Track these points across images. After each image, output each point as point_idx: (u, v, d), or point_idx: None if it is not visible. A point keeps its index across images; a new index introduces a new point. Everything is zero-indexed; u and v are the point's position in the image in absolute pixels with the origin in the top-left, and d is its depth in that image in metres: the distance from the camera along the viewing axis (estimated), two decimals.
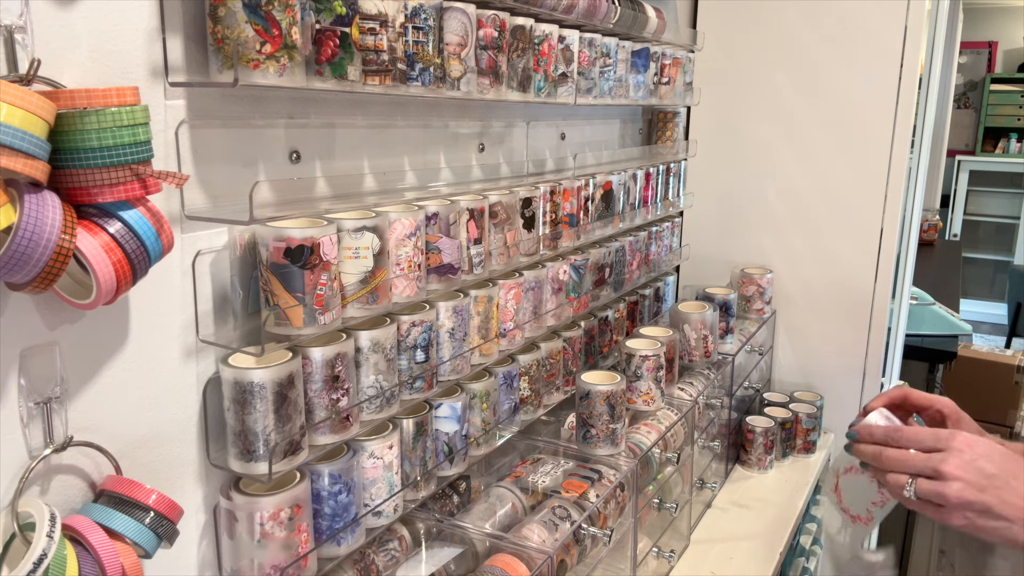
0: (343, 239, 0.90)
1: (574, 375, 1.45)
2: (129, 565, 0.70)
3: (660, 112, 1.90)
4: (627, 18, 1.45)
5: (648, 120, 1.93)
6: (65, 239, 0.62)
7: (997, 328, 6.17)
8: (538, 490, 1.22)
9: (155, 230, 0.70)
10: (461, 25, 1.04)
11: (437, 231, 1.05)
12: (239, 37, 0.77)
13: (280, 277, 0.84)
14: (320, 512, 0.94)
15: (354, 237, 0.91)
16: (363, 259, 0.92)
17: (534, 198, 1.27)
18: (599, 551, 1.21)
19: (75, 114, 0.63)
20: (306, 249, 0.84)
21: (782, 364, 2.03)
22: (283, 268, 0.83)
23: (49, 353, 0.71)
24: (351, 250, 0.91)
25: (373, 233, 0.92)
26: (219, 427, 0.89)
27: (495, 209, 1.18)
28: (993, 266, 6.76)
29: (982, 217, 6.73)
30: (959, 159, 6.53)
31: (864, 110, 1.81)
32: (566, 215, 1.38)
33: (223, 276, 0.88)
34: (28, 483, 0.71)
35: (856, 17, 1.78)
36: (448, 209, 1.06)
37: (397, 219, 0.97)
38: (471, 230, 1.12)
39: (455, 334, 1.11)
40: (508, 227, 1.21)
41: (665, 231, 1.86)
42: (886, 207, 1.82)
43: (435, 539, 1.12)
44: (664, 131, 1.92)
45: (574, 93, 1.34)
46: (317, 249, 0.84)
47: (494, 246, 1.19)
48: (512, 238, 1.22)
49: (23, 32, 0.65)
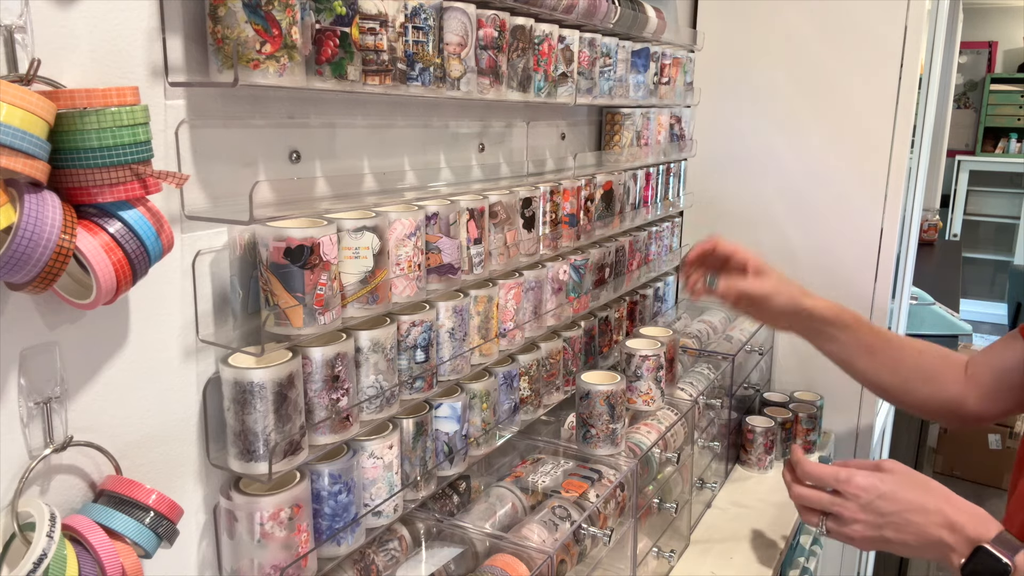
0: (343, 239, 0.90)
1: (574, 375, 1.45)
2: (129, 565, 0.70)
3: (609, 113, 1.65)
4: (627, 18, 1.45)
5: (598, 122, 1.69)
6: (65, 239, 0.62)
7: (997, 328, 6.17)
8: (538, 490, 1.22)
9: (155, 230, 0.70)
10: (461, 25, 1.04)
11: (437, 231, 1.05)
12: (239, 37, 0.77)
13: (280, 277, 0.84)
14: (320, 512, 0.94)
15: (354, 237, 0.91)
16: (363, 259, 0.92)
17: (534, 198, 1.27)
18: (599, 551, 1.21)
19: (75, 114, 0.63)
20: (306, 249, 0.83)
21: (782, 364, 2.03)
22: (283, 268, 0.83)
23: (49, 353, 0.71)
24: (351, 250, 0.91)
25: (373, 233, 0.92)
26: (219, 427, 0.89)
27: (495, 209, 1.18)
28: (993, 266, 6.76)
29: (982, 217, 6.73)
30: (959, 159, 6.53)
31: (864, 110, 1.80)
32: (566, 215, 1.38)
33: (223, 276, 0.88)
34: (28, 483, 0.71)
35: (856, 17, 1.78)
36: (448, 209, 1.06)
37: (397, 219, 0.97)
38: (471, 230, 1.12)
39: (455, 334, 1.11)
40: (508, 227, 1.21)
41: (665, 231, 1.86)
42: (886, 207, 1.82)
43: (435, 539, 1.12)
44: (612, 135, 1.66)
45: (574, 93, 1.34)
46: (317, 249, 0.84)
47: (494, 246, 1.18)
48: (512, 238, 1.22)
49: (23, 32, 0.65)
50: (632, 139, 1.65)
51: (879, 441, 2.35)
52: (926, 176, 2.68)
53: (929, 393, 1.25)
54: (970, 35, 6.40)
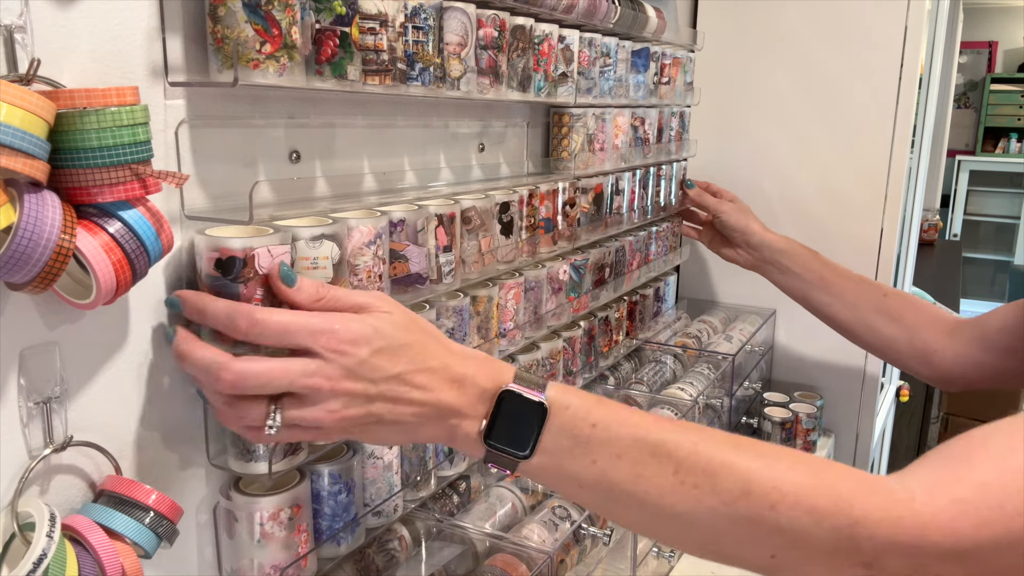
0: (300, 249, 0.83)
1: (574, 375, 1.45)
2: (129, 565, 0.70)
3: (556, 114, 1.41)
4: (627, 18, 1.45)
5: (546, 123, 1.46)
6: (65, 239, 0.62)
7: None
8: (538, 490, 1.22)
9: (155, 230, 0.70)
10: (461, 25, 1.04)
11: (404, 238, 0.98)
12: (239, 37, 0.77)
13: (212, 290, 0.77)
14: (320, 512, 0.94)
15: (312, 246, 0.83)
16: (322, 270, 0.84)
17: (511, 202, 1.21)
18: (599, 551, 1.21)
19: (75, 114, 0.63)
20: (238, 261, 0.76)
21: (782, 364, 2.03)
22: (215, 280, 0.77)
23: (49, 353, 0.71)
24: (309, 260, 0.83)
25: (332, 241, 0.85)
26: (219, 427, 0.89)
27: (468, 215, 1.11)
28: (993, 266, 6.76)
29: (982, 217, 6.74)
30: (959, 159, 6.54)
31: (864, 110, 1.81)
32: (542, 220, 1.32)
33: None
34: (28, 483, 0.71)
35: (856, 17, 1.78)
36: (416, 215, 0.99)
37: (356, 226, 0.89)
38: (440, 237, 1.04)
39: (454, 334, 1.11)
40: (483, 233, 1.14)
41: (665, 231, 1.86)
42: (886, 207, 1.82)
43: (435, 539, 1.12)
44: (560, 139, 1.42)
45: (574, 93, 1.34)
46: (251, 261, 0.76)
47: (467, 253, 1.11)
48: (487, 245, 1.16)
49: (23, 32, 0.65)
50: (583, 143, 1.43)
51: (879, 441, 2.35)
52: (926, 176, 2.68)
53: (894, 334, 1.17)
54: (970, 35, 6.40)
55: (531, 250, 1.30)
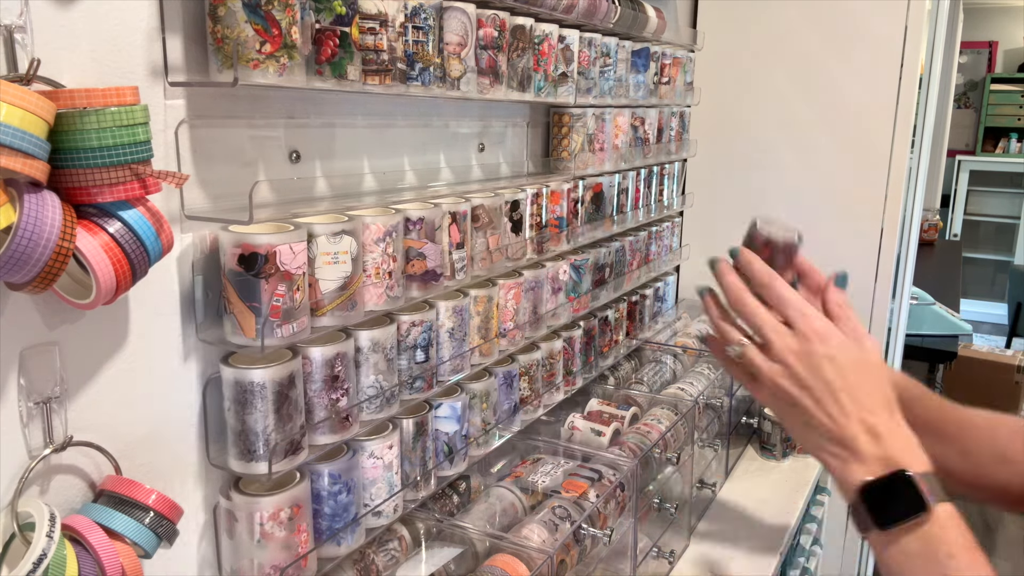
0: (321, 244, 0.87)
1: (574, 375, 1.45)
2: (129, 565, 0.70)
3: (556, 114, 1.43)
4: (627, 18, 1.45)
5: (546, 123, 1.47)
6: (65, 239, 0.62)
7: (997, 328, 6.17)
8: (538, 490, 1.22)
9: (155, 230, 0.70)
10: (461, 25, 1.04)
11: (423, 236, 1.01)
12: (239, 37, 0.77)
13: (235, 285, 0.81)
14: (320, 512, 0.94)
15: (333, 242, 0.88)
16: (342, 264, 0.89)
17: (521, 201, 1.24)
18: (599, 551, 1.21)
19: (75, 114, 0.63)
20: (260, 257, 0.80)
21: None
22: (238, 276, 0.81)
23: (49, 353, 0.71)
24: (330, 255, 0.88)
25: (351, 237, 0.89)
26: (219, 427, 0.89)
27: (477, 212, 1.14)
28: (993, 266, 6.75)
29: (982, 217, 6.73)
30: (959, 159, 6.53)
31: (864, 110, 1.81)
32: (555, 218, 1.34)
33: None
34: (28, 483, 0.71)
35: (856, 17, 1.78)
36: (434, 213, 1.02)
37: (369, 223, 0.93)
38: (453, 234, 1.08)
39: (455, 334, 1.11)
40: (491, 231, 1.17)
41: (665, 231, 1.86)
42: (886, 207, 1.82)
43: (435, 539, 1.12)
44: (560, 139, 1.43)
45: (574, 93, 1.34)
46: (273, 258, 0.81)
47: (476, 251, 1.14)
48: (495, 242, 1.18)
49: (23, 32, 0.65)
50: (583, 143, 1.44)
51: None
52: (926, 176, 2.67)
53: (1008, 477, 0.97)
54: (970, 35, 6.39)
55: (539, 248, 1.31)
